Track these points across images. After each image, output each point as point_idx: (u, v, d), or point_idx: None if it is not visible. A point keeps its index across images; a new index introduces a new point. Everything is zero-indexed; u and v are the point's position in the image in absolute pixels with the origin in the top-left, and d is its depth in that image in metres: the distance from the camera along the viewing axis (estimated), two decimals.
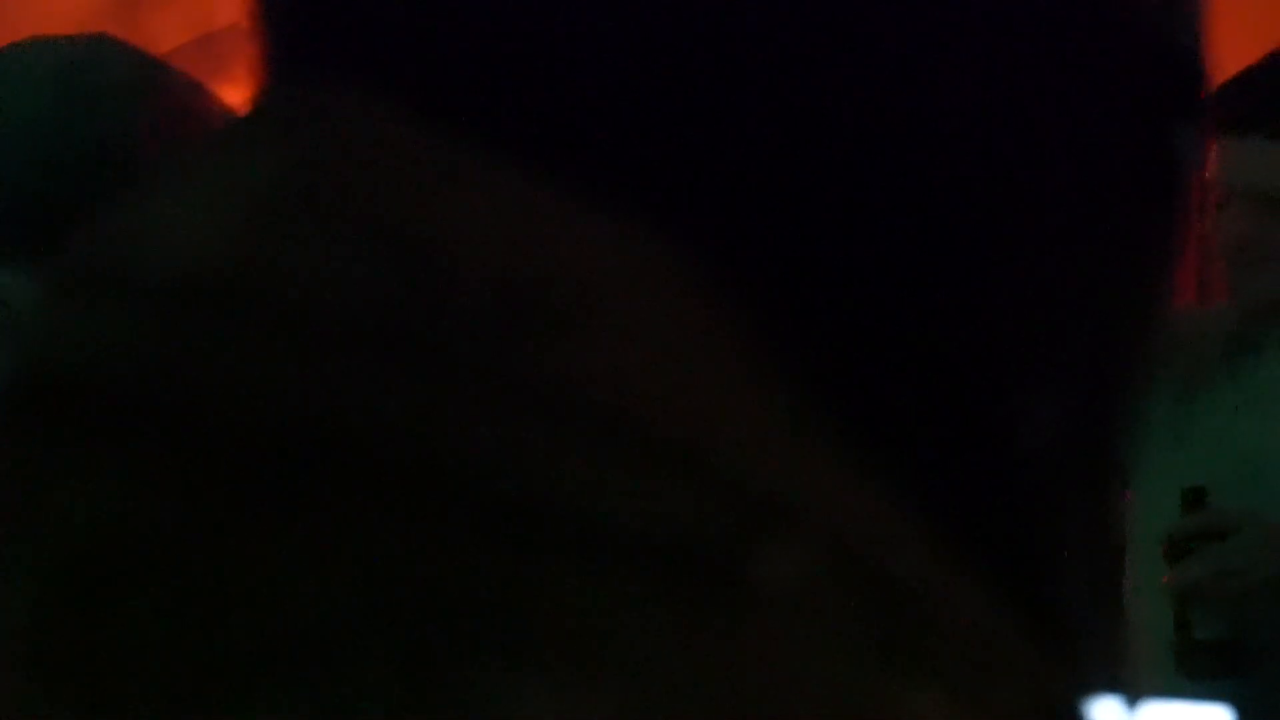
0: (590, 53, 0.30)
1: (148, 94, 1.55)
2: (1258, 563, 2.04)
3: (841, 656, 0.26)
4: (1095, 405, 0.33)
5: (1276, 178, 2.08)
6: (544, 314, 0.27)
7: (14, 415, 0.30)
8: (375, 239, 0.28)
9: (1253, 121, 2.08)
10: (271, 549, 0.26)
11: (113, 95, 1.52)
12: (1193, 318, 2.15)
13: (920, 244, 0.30)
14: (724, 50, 0.29)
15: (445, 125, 0.30)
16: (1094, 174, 0.32)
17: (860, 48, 0.30)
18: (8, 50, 1.57)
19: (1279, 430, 2.09)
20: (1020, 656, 0.30)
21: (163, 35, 3.62)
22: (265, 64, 0.34)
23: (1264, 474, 2.07)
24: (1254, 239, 2.09)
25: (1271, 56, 2.21)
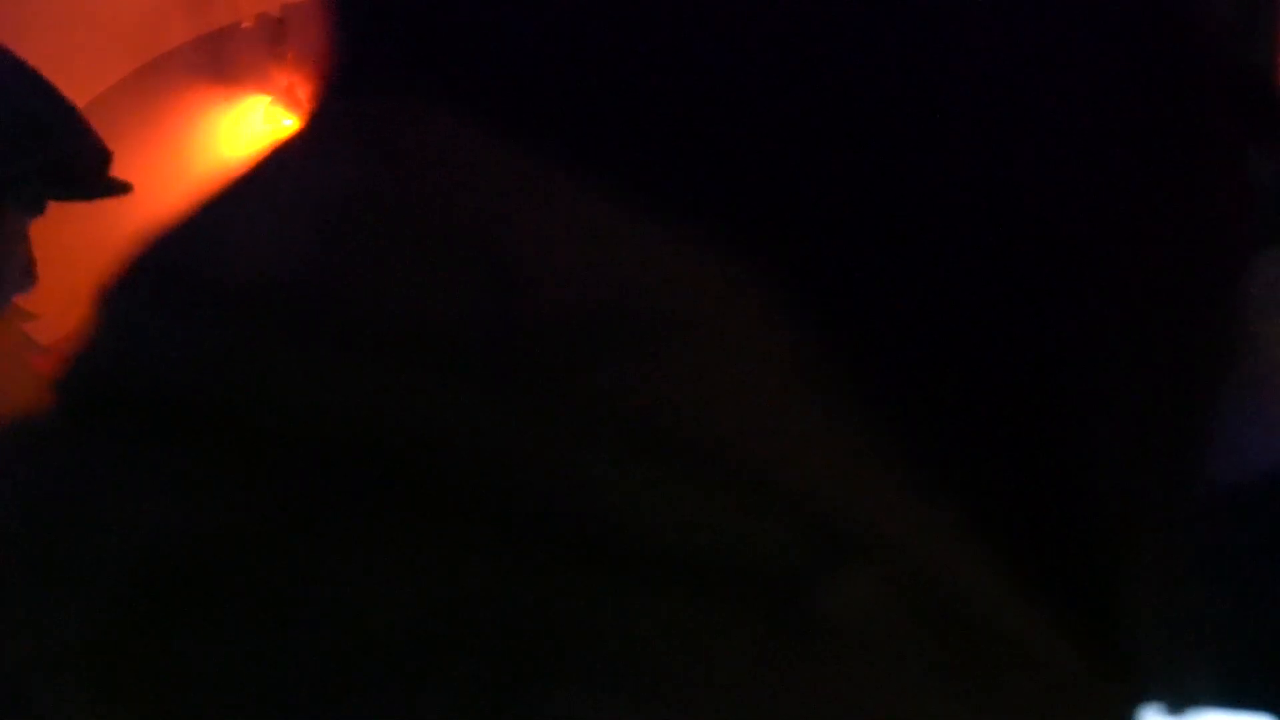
0: (667, 74, 0.29)
1: None
2: None
3: (908, 683, 0.26)
4: (1167, 433, 0.33)
5: None
6: (621, 337, 0.27)
7: (83, 420, 0.29)
8: (452, 252, 0.27)
9: None
10: (344, 562, 0.26)
11: None
12: None
13: (997, 272, 0.30)
14: (809, 76, 0.29)
15: (524, 136, 0.29)
16: (1167, 194, 0.32)
17: (942, 77, 0.29)
18: None
19: None
20: (1084, 682, 0.29)
21: (227, 11, 3.63)
22: (341, 62, 0.33)
23: None
24: None
25: None
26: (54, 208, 1.74)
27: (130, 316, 0.30)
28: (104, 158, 1.74)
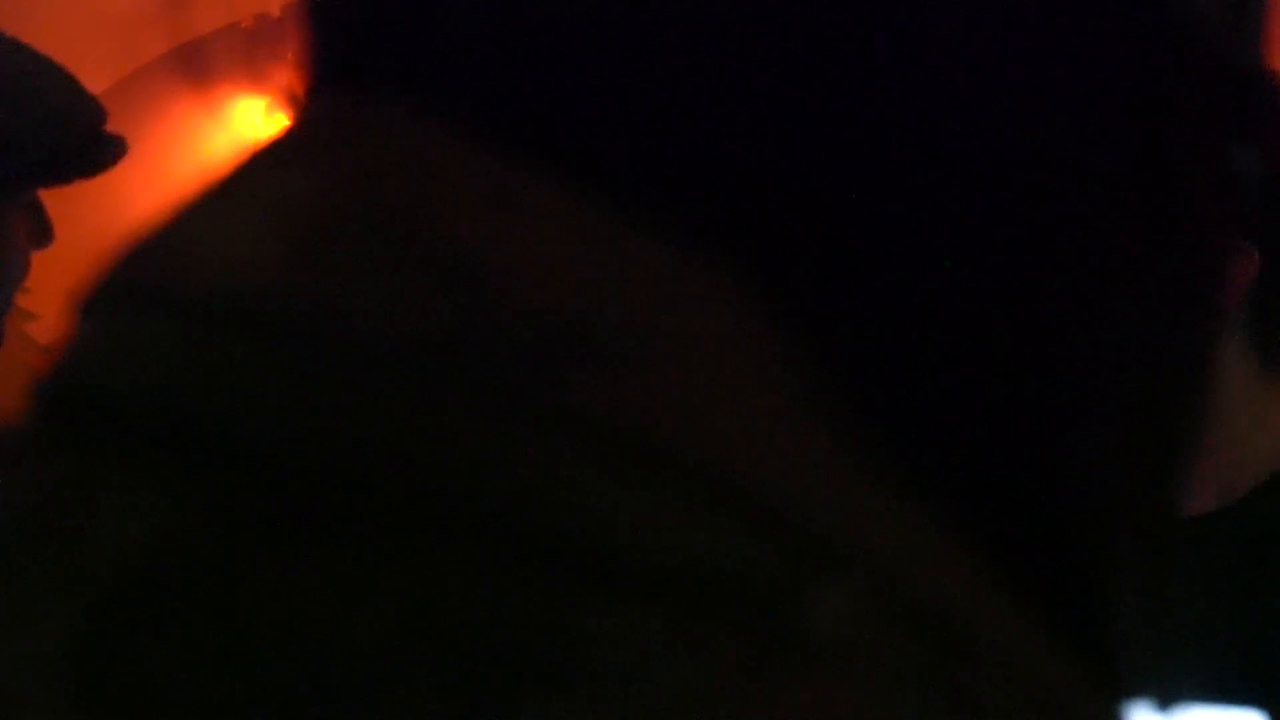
0: (645, 81, 0.29)
1: None
2: None
3: (890, 697, 0.26)
4: (1149, 434, 0.33)
5: None
6: (593, 346, 0.27)
7: (55, 432, 0.29)
8: (422, 261, 0.27)
9: None
10: (314, 576, 0.26)
11: None
12: None
13: (979, 277, 0.30)
14: (785, 83, 0.29)
15: (497, 142, 0.29)
16: (1148, 190, 0.32)
17: (920, 78, 0.29)
18: None
19: None
20: (1066, 690, 0.29)
21: (209, 18, 3.63)
22: (312, 70, 0.33)
23: None
24: None
25: None
26: (55, 210, 1.73)
27: (106, 325, 0.30)
28: (101, 114, 1.72)
